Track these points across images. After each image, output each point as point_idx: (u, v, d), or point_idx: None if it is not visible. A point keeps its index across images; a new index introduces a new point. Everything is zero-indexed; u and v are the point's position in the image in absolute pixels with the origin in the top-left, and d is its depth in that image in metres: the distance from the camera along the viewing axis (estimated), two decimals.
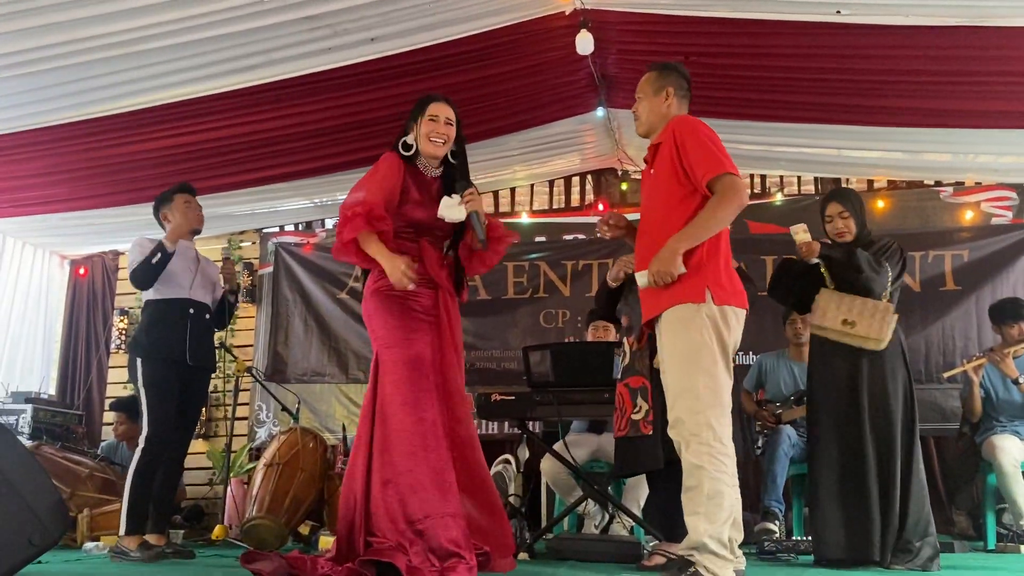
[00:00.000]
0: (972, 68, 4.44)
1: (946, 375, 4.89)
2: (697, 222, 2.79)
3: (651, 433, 3.18)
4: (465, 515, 2.96)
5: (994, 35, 4.01)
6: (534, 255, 6.58)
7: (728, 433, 2.70)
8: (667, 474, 3.38)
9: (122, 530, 3.91)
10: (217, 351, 4.57)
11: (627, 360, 3.33)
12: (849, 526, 3.52)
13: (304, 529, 5.14)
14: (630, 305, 3.50)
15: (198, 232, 4.33)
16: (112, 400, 6.67)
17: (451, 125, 3.18)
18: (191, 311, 4.16)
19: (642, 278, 2.87)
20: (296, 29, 4.13)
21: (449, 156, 3.21)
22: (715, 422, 2.67)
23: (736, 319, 2.81)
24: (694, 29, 4.41)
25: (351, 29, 4.22)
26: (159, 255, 4.01)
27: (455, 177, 3.19)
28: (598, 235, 3.26)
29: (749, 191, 6.51)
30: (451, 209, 3.08)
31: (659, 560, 3.34)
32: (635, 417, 3.25)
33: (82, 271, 7.24)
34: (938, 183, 6.16)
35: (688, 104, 3.07)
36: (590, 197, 6.74)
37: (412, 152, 3.18)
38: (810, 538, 3.87)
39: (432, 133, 3.14)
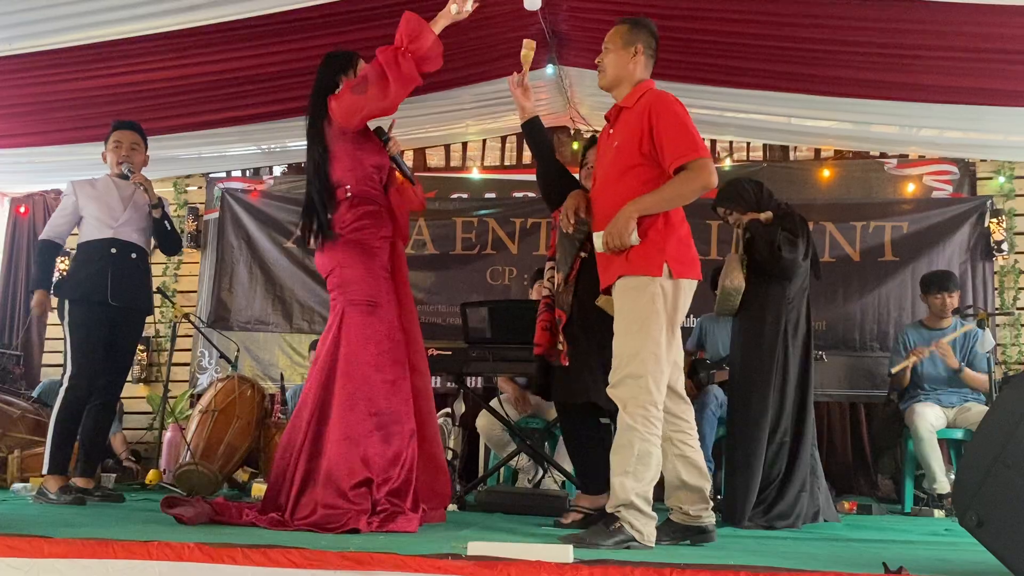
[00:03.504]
0: (914, 42, 4.47)
1: (893, 370, 4.92)
2: (659, 193, 2.80)
3: (569, 366, 3.33)
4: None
5: (933, 10, 4.03)
6: (483, 211, 6.55)
7: (662, 399, 2.77)
8: (592, 429, 3.47)
9: (45, 468, 3.90)
10: (156, 295, 4.51)
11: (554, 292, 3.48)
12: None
13: (243, 476, 5.16)
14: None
15: (126, 177, 4.12)
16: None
17: None
18: (113, 250, 4.06)
19: (598, 239, 2.89)
20: None
21: None
22: (654, 387, 2.73)
23: (689, 289, 2.87)
24: None
25: None
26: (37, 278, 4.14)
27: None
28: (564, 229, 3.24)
29: None
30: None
31: (576, 516, 3.42)
32: (560, 348, 3.40)
33: (22, 209, 7.08)
34: (883, 155, 6.25)
35: (654, 65, 3.03)
36: None
37: None
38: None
39: None
